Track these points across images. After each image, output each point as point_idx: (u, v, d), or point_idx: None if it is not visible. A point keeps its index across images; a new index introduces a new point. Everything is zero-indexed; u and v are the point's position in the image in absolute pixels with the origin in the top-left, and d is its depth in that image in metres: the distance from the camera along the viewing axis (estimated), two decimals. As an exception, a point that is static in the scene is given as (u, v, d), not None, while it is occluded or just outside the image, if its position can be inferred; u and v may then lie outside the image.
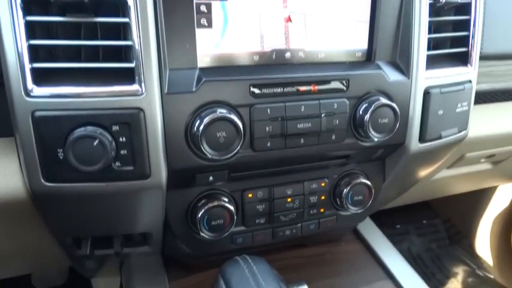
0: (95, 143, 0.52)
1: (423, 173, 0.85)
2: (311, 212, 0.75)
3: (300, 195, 0.73)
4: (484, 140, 0.94)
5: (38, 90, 0.51)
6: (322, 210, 0.76)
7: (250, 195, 0.70)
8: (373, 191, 0.76)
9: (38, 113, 0.51)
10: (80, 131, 0.51)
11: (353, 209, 0.75)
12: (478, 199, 1.82)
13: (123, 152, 0.55)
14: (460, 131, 0.77)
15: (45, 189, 0.54)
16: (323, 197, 0.75)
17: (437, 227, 1.94)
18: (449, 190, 1.37)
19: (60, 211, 0.60)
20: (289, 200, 0.72)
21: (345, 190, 0.74)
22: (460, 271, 1.77)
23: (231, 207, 0.66)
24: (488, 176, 1.27)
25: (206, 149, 0.57)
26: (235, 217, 0.67)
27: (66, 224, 0.64)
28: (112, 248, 0.72)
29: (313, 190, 0.74)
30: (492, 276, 1.76)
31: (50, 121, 0.51)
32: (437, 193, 1.35)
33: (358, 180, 0.75)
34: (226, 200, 0.67)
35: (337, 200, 0.76)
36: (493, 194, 1.78)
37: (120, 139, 0.54)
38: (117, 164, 0.55)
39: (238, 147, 0.58)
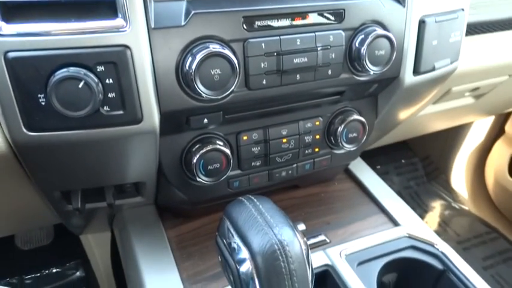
0: (80, 85, 0.47)
1: (413, 108, 0.85)
2: (306, 152, 0.74)
3: (295, 135, 0.71)
4: (471, 73, 0.94)
5: (8, 28, 0.45)
6: (317, 149, 0.75)
7: (245, 138, 0.68)
8: (367, 127, 0.75)
9: (11, 54, 0.45)
10: (62, 73, 0.46)
11: (348, 147, 0.75)
12: (454, 136, 1.87)
13: (111, 95, 0.50)
14: (452, 62, 0.76)
15: (28, 140, 0.50)
16: (318, 136, 0.74)
17: (416, 166, 2.00)
18: (431, 128, 1.40)
19: (46, 163, 0.56)
20: (284, 140, 0.71)
21: (339, 128, 0.73)
22: (437, 205, 1.86)
23: (227, 151, 0.64)
24: (469, 111, 1.29)
25: (201, 88, 0.53)
26: (231, 160, 0.65)
27: (54, 176, 0.60)
28: (103, 201, 0.69)
29: (307, 129, 0.72)
30: (467, 208, 1.85)
31: (27, 63, 0.46)
32: (419, 131, 1.37)
33: (352, 117, 0.73)
34: (221, 143, 0.65)
35: (332, 138, 0.75)
36: (468, 131, 1.83)
37: (107, 81, 0.50)
38: (106, 108, 0.51)
39: (234, 86, 0.55)
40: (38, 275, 1.36)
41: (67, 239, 1.41)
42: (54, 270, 1.38)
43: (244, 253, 0.45)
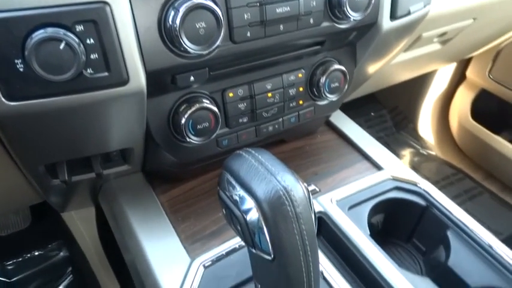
0: (61, 46, 0.44)
1: (389, 55, 0.87)
2: (291, 105, 0.74)
3: (279, 89, 0.71)
4: (440, 17, 0.96)
5: (-25, -11, 0.41)
6: (301, 102, 0.76)
7: (231, 95, 0.67)
8: (348, 76, 0.76)
9: (-18, 17, 0.42)
10: (39, 34, 0.43)
11: (330, 97, 0.76)
12: (419, 86, 1.93)
13: (93, 56, 0.48)
14: (425, 6, 0.77)
15: (9, 110, 0.47)
16: (301, 89, 0.74)
17: (385, 117, 2.06)
18: (400, 77, 1.43)
19: (29, 135, 0.53)
20: (269, 95, 0.70)
21: (321, 79, 0.74)
22: (407, 153, 1.94)
23: (215, 108, 0.63)
24: (435, 57, 1.33)
25: (187, 43, 0.51)
26: (220, 118, 0.64)
27: (38, 149, 0.57)
28: (90, 172, 0.67)
29: (291, 82, 0.72)
30: (434, 153, 1.95)
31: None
32: (390, 81, 1.40)
33: (333, 67, 0.74)
34: (207, 102, 0.64)
35: (315, 90, 0.75)
36: (432, 79, 1.90)
37: (88, 41, 0.47)
38: (89, 71, 0.48)
39: (220, 39, 0.54)
40: (20, 259, 1.32)
41: (46, 220, 1.37)
42: (36, 253, 1.35)
43: (249, 203, 0.45)
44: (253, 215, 0.45)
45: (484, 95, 1.76)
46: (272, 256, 0.46)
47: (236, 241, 0.66)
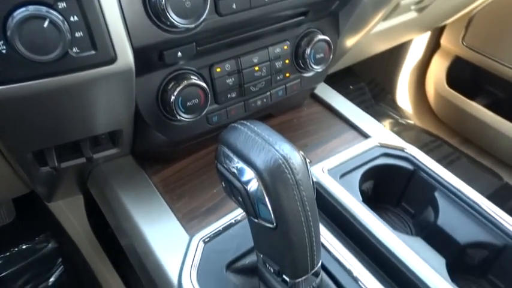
0: (45, 24, 0.43)
1: (370, 23, 0.87)
2: (278, 78, 0.74)
3: (266, 62, 0.71)
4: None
5: None
6: (287, 74, 0.76)
7: (218, 70, 0.66)
8: (332, 46, 0.76)
9: (-43, -3, 0.40)
10: (21, 12, 0.42)
11: (316, 68, 0.76)
12: (395, 57, 1.96)
13: (78, 34, 0.46)
14: (404, -28, 0.78)
15: (-6, 95, 0.46)
16: (287, 61, 0.74)
17: (363, 90, 2.08)
18: (378, 48, 1.45)
19: (15, 120, 0.52)
20: (256, 68, 0.70)
21: (307, 50, 0.74)
22: (386, 124, 1.98)
23: (203, 84, 0.63)
24: (412, 26, 1.34)
25: (174, 17, 0.50)
26: (209, 94, 0.64)
27: (25, 134, 0.55)
28: (79, 157, 0.66)
29: (277, 55, 0.72)
30: (412, 122, 1.99)
31: (-22, 5, 0.41)
32: (368, 52, 1.42)
33: (318, 38, 0.74)
34: (195, 78, 0.63)
35: (301, 61, 0.75)
36: (408, 49, 1.92)
37: (72, 18, 0.45)
38: (75, 50, 0.47)
39: (206, 12, 0.53)
40: (7, 254, 1.30)
41: (31, 213, 1.35)
42: (23, 247, 1.33)
43: (249, 173, 0.46)
44: (254, 185, 0.45)
45: (458, 62, 1.80)
46: (274, 224, 0.47)
47: (233, 216, 0.67)
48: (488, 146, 1.77)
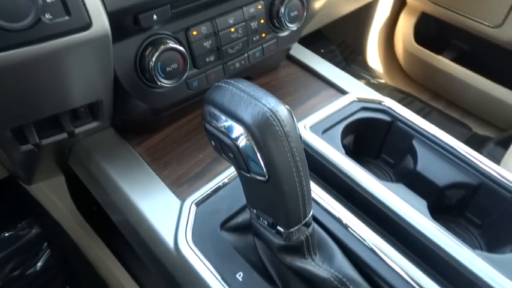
0: (16, -11, 0.41)
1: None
2: (254, 38, 0.74)
3: (241, 23, 0.70)
4: None
5: None
6: (263, 35, 0.75)
7: (194, 33, 0.65)
8: (305, 3, 0.76)
9: None
10: (-12, -23, 0.40)
11: (291, 26, 0.76)
12: (364, 17, 1.97)
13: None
14: None
15: (-34, 69, 0.44)
16: (262, 21, 0.74)
17: (334, 52, 2.10)
18: (346, 8, 1.45)
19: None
20: (232, 30, 0.70)
21: (281, 9, 0.74)
22: (359, 85, 2.01)
23: (181, 48, 0.62)
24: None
25: (146, -24, 0.49)
26: (187, 58, 0.63)
27: (2, 110, 0.54)
28: (60, 133, 0.64)
29: (252, 15, 0.72)
30: (383, 81, 2.03)
31: None
32: (338, 12, 1.42)
33: (291, -4, 0.74)
34: (172, 42, 0.62)
35: (275, 21, 0.75)
36: (375, 9, 1.94)
37: (42, -18, 0.44)
38: (48, 16, 0.45)
39: None
40: (-11, 243, 1.27)
41: (9, 200, 1.31)
42: (6, 235, 1.30)
43: (238, 129, 0.46)
44: (244, 140, 0.46)
45: (424, 18, 1.83)
46: (267, 177, 0.48)
47: (221, 178, 0.68)
48: (456, 99, 1.84)
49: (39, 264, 1.26)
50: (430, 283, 0.57)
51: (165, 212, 0.63)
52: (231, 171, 0.69)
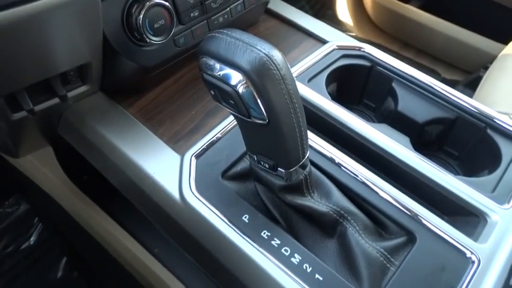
0: None
1: None
2: (235, -9, 0.74)
3: (222, -24, 0.71)
4: None
5: None
6: (244, -13, 0.76)
7: (177, -13, 0.65)
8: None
9: None
10: None
11: (270, -22, 0.77)
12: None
13: (36, -46, 0.44)
14: None
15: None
16: (242, -27, 0.74)
17: (304, 8, 2.09)
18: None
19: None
20: (214, -17, 0.70)
21: (259, -41, 0.74)
22: (331, 39, 2.03)
23: (166, 3, 0.62)
24: None
25: None
26: (173, 14, 0.63)
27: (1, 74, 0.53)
28: (52, 98, 0.64)
29: (232, -33, 0.72)
30: (354, 34, 2.06)
31: None
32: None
33: None
34: (157, -2, 0.62)
35: (254, -28, 0.76)
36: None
37: None
38: (36, -27, 0.45)
39: None
40: (-24, 223, 1.27)
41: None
42: (-7, 213, 1.30)
43: (236, 76, 0.48)
44: (244, 86, 0.48)
45: (391, -32, 1.85)
46: (267, 120, 0.51)
47: (216, 131, 0.70)
48: (425, 46, 1.89)
49: (32, 238, 1.27)
50: (418, 207, 0.62)
51: (166, 167, 0.65)
52: (225, 124, 0.71)
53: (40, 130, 0.83)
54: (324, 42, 0.90)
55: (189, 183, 0.63)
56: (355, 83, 0.89)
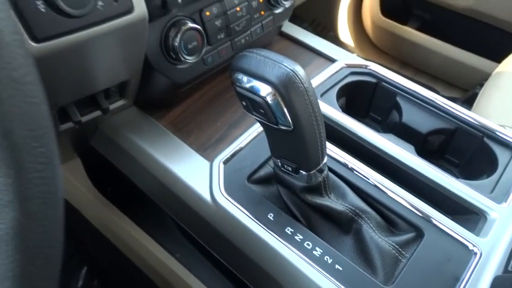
0: (80, -19, 0.49)
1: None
2: (255, 16, 0.83)
3: (244, 2, 0.79)
4: None
5: None
6: (262, 12, 0.85)
7: (207, 14, 0.74)
8: (296, -18, 0.86)
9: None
10: (57, -28, 0.47)
11: (285, 3, 0.86)
12: (333, -5, 2.08)
13: (101, -12, 0.53)
14: None
15: (36, 52, 0.51)
16: (261, 0, 0.83)
17: (307, 30, 2.20)
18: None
19: (48, 77, 0.57)
20: (238, 9, 0.79)
21: (276, -12, 0.83)
22: (333, 59, 2.13)
23: (199, 27, 0.70)
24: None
25: (176, -34, 0.57)
26: (204, 36, 0.72)
27: (55, 91, 0.61)
28: (96, 110, 0.72)
29: (253, -5, 0.81)
30: (355, 54, 2.16)
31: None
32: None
33: (283, -24, 0.83)
34: (191, 23, 0.71)
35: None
36: (343, -14, 2.05)
37: (95, -25, 0.51)
38: (100, 3, 0.53)
39: None
40: None
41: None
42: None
43: (266, 88, 0.56)
44: (273, 97, 0.56)
45: (389, -8, 1.96)
46: (292, 127, 0.58)
47: (240, 141, 0.77)
48: (423, 66, 1.99)
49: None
50: (425, 206, 0.69)
51: (197, 172, 0.73)
52: (247, 134, 0.79)
53: (73, 142, 0.90)
54: (332, 60, 0.98)
55: (219, 186, 0.70)
56: (362, 98, 0.97)
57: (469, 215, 0.71)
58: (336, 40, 2.20)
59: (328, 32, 2.21)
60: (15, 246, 0.31)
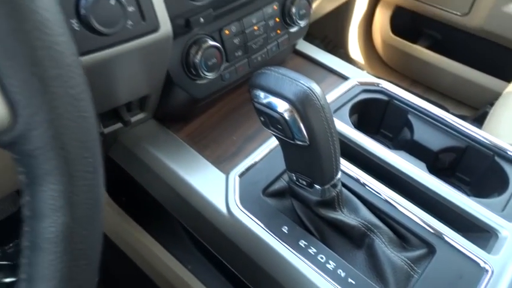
0: (113, 2, 0.52)
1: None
2: (271, 34, 0.86)
3: (261, 22, 0.83)
4: None
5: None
6: (278, 31, 0.88)
7: (227, 32, 0.77)
8: (311, 2, 0.89)
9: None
10: (92, -6, 0.50)
11: (300, 22, 0.89)
12: (343, 14, 2.12)
13: (131, 9, 0.56)
14: None
15: (68, 68, 0.54)
16: (277, 19, 0.86)
17: (318, 47, 2.24)
18: (329, 6, 1.60)
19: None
20: (255, 28, 0.82)
21: (292, 8, 0.86)
22: (343, 76, 2.16)
23: (219, 45, 0.74)
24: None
25: (200, -12, 0.61)
26: (223, 54, 0.75)
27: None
28: (117, 122, 0.75)
29: (270, 15, 0.84)
30: (365, 71, 2.19)
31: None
32: (320, 11, 1.56)
33: (300, -4, 0.87)
34: (211, 41, 0.74)
35: (287, 19, 0.88)
36: (353, 5, 2.09)
37: (124, -4, 0.55)
38: (130, 22, 0.56)
39: None
40: (18, 240, 1.35)
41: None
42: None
43: (284, 105, 0.58)
44: (290, 113, 0.58)
45: (399, 11, 2.00)
46: (308, 142, 0.60)
47: (255, 155, 0.80)
48: (433, 84, 2.01)
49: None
50: (436, 222, 0.70)
51: (213, 184, 0.75)
52: (262, 148, 0.81)
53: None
54: (344, 78, 1.01)
55: (234, 198, 0.72)
56: (374, 115, 0.99)
57: (480, 233, 0.72)
58: (346, 57, 2.23)
59: (339, 49, 2.24)
60: (64, 248, 0.34)
